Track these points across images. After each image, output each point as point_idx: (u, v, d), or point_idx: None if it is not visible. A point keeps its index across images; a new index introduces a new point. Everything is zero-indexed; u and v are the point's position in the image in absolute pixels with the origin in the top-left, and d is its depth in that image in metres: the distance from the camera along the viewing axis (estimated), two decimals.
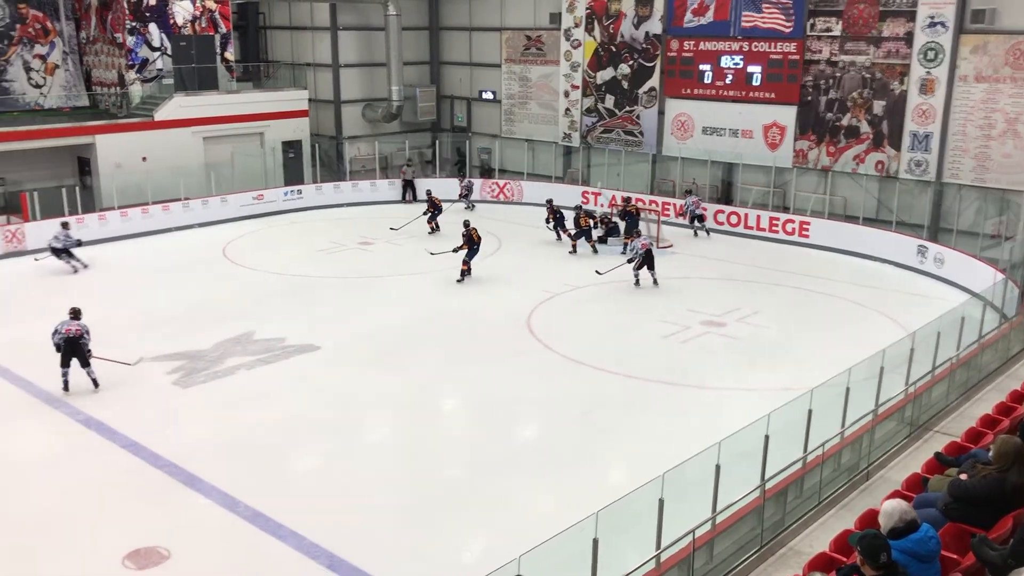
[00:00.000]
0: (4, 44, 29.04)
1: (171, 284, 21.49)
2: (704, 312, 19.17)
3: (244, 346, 17.16)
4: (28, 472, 12.42)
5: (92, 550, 10.56)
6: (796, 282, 21.70)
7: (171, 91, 29.65)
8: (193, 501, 11.63)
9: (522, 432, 14.11)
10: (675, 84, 28.89)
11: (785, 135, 26.73)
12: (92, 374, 14.92)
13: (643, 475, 8.77)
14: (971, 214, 23.10)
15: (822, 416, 10.59)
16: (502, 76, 33.46)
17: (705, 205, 27.06)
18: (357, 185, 31.17)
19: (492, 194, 31.34)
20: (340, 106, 33.75)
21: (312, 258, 23.78)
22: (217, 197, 28.07)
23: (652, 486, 8.32)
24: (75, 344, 14.64)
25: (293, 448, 13.36)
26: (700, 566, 8.91)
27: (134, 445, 13.09)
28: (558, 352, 17.00)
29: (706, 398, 14.96)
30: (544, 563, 7.42)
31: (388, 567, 10.14)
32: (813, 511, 10.11)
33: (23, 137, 26.59)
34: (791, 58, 26.13)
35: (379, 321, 18.79)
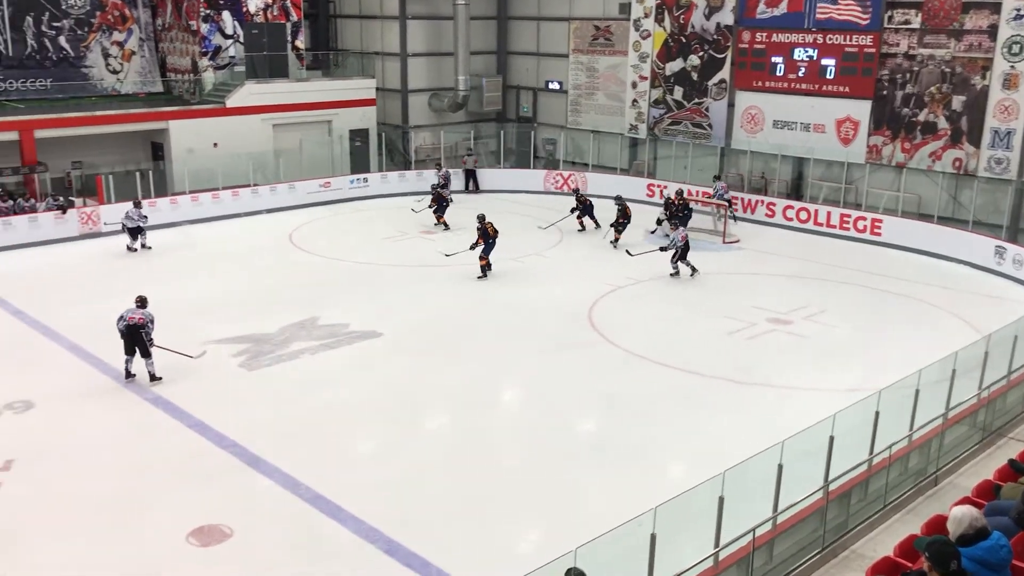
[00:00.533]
0: (84, 31, 29.86)
1: (239, 268, 21.91)
2: (770, 309, 18.85)
3: (308, 331, 17.40)
4: (97, 450, 12.77)
5: (157, 527, 10.82)
6: (866, 281, 21.20)
7: (243, 78, 30.19)
8: (256, 482, 11.84)
9: (581, 425, 14.05)
10: (746, 76, 28.42)
11: (859, 130, 26.10)
12: (151, 366, 14.73)
13: (703, 472, 8.66)
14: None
15: (890, 418, 10.33)
16: (569, 66, 33.30)
17: (734, 193, 26.89)
18: (422, 174, 31.34)
19: (556, 185, 31.23)
20: (407, 95, 33.96)
21: (376, 246, 24.00)
22: (285, 184, 28.51)
23: (712, 483, 8.21)
24: (136, 333, 14.51)
25: (354, 433, 13.52)
26: (759, 566, 8.76)
27: (200, 425, 13.37)
28: (619, 346, 16.88)
29: (770, 396, 14.71)
30: (600, 556, 7.37)
31: (444, 554, 10.19)
32: (878, 515, 9.90)
33: (100, 122, 27.32)
34: (867, 51, 25.48)
35: (441, 310, 18.88)
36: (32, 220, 23.86)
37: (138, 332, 14.53)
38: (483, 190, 30.68)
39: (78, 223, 24.47)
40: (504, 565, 9.57)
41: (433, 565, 10.00)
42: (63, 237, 24.01)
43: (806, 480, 9.42)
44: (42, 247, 23.33)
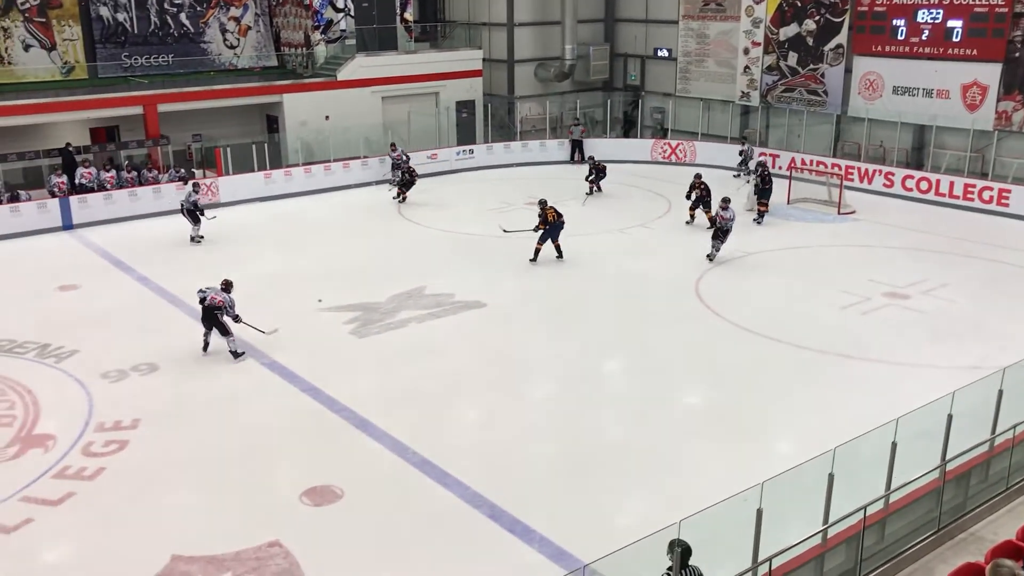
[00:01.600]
0: (203, 7, 30.87)
1: (349, 238, 22.43)
2: (887, 283, 18.18)
3: (416, 300, 17.71)
4: (216, 411, 13.35)
5: (272, 485, 11.27)
6: (991, 254, 20.20)
7: (353, 52, 30.70)
8: (366, 445, 12.18)
9: (687, 398, 13.90)
10: (865, 41, 27.28)
11: (987, 95, 24.76)
12: (232, 344, 14.92)
13: (813, 448, 8.48)
14: None
15: (1014, 398, 9.86)
16: (679, 33, 32.62)
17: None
18: (527, 145, 31.35)
19: (664, 155, 30.77)
20: (513, 65, 33.90)
21: (482, 217, 24.16)
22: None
23: (822, 460, 8.02)
24: (211, 314, 14.75)
25: (460, 401, 13.73)
26: (870, 544, 8.55)
27: (313, 389, 13.81)
28: (728, 319, 16.59)
29: (885, 373, 14.22)
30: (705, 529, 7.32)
31: (547, 521, 10.27)
32: (1000, 497, 9.51)
33: (218, 96, 28.26)
34: (998, 10, 24.09)
35: (545, 281, 18.92)
36: (156, 191, 24.94)
37: (213, 313, 14.72)
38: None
39: (203, 192, 25.41)
40: (607, 535, 9.59)
41: (536, 532, 10.10)
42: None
43: (922, 459, 9.11)
44: (165, 217, 24.35)
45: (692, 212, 22.69)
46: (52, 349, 15.49)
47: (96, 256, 21.24)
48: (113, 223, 23.85)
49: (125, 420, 12.89)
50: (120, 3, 29.23)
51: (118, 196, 24.36)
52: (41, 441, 12.34)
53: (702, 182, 22.41)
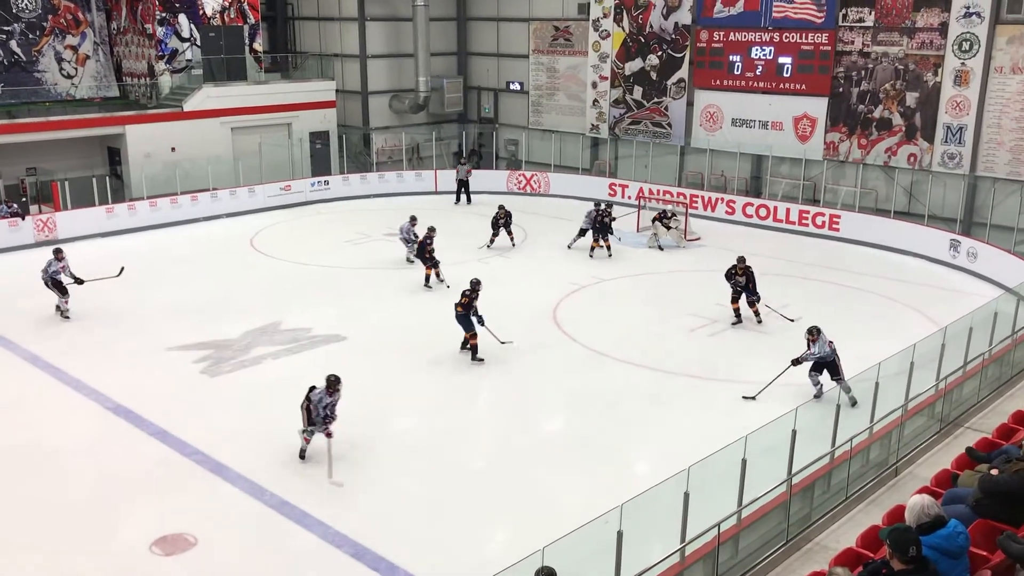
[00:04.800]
0: (36, 35, 29.34)
1: (199, 274, 21.67)
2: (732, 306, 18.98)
3: (271, 336, 17.25)
4: (57, 459, 12.56)
5: (120, 536, 10.68)
6: (826, 276, 21.49)
7: (200, 82, 29.86)
8: (220, 489, 11.73)
9: (547, 424, 14.08)
10: (704, 75, 28.66)
11: (816, 127, 26.44)
12: (63, 303, 17.99)
13: (669, 468, 8.72)
14: (1006, 208, 22.74)
15: (850, 411, 10.48)
16: (530, 67, 33.36)
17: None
18: (384, 176, 31.22)
19: (519, 186, 31.27)
20: (367, 97, 33.79)
21: (338, 249, 23.85)
22: (245, 187, 28.25)
23: (678, 479, 8.26)
24: (56, 281, 17.47)
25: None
26: (725, 560, 8.84)
27: (162, 433, 13.21)
28: (584, 344, 16.94)
29: (733, 392, 14.84)
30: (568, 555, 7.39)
31: (412, 557, 10.16)
32: (840, 506, 10.02)
33: (55, 127, 26.87)
34: (823, 49, 25.82)
35: (404, 312, 18.82)
36: None
37: (57, 279, 17.57)
38: (444, 191, 30.55)
39: (34, 230, 24.04)
40: (472, 566, 9.56)
41: (400, 569, 9.97)
42: (19, 245, 23.55)
43: (770, 474, 9.52)
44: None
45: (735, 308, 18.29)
46: None
47: None
48: None
49: None
50: None
51: None
52: None
53: (745, 267, 17.99)
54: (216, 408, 14.22)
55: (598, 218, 22.88)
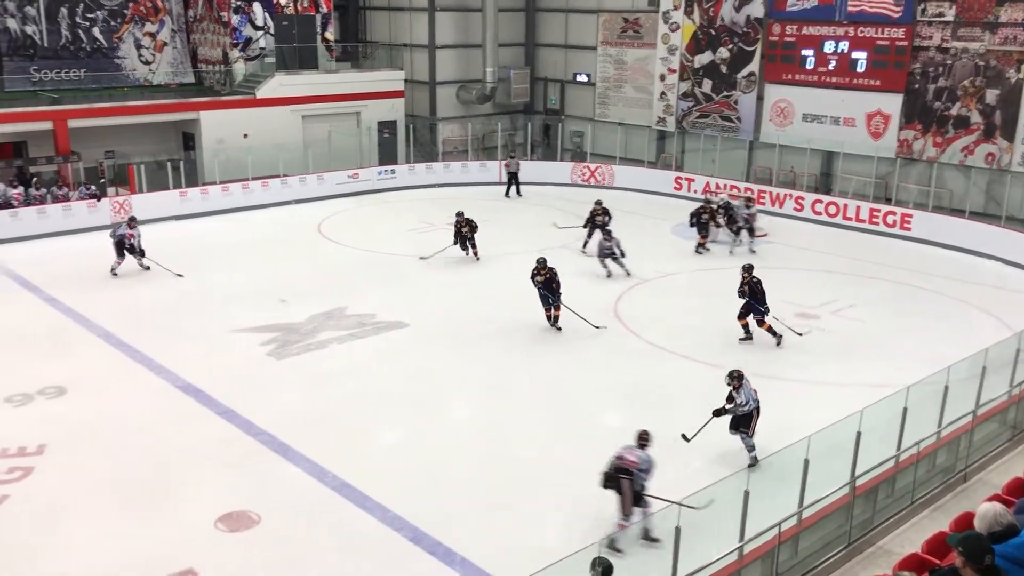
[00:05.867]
0: (117, 22, 30.17)
1: (268, 258, 22.09)
2: (798, 304, 18.72)
3: (336, 320, 17.53)
4: (128, 435, 12.94)
5: (187, 512, 10.97)
6: (896, 276, 21.02)
7: (272, 70, 30.37)
8: (284, 469, 11.97)
9: (604, 417, 14.05)
10: (776, 69, 28.21)
11: (889, 124, 25.84)
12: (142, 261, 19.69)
13: (728, 466, 8.67)
14: None
15: (918, 415, 10.27)
16: (597, 59, 33.20)
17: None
18: (449, 166, 31.41)
19: (583, 178, 31.18)
20: (435, 87, 34.01)
21: (403, 237, 24.09)
22: (314, 175, 28.68)
23: (737, 477, 8.22)
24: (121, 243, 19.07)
25: (381, 421, 13.61)
26: (784, 560, 8.76)
27: (229, 412, 13.53)
28: (643, 338, 16.86)
29: (796, 392, 14.63)
30: (626, 547, 7.41)
31: (469, 543, 10.25)
32: (905, 511, 9.85)
33: (132, 112, 27.64)
34: (899, 44, 25.20)
35: (466, 300, 18.94)
36: (66, 208, 24.19)
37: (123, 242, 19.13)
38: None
39: (110, 212, 24.77)
40: (528, 556, 9.61)
41: (457, 554, 10.07)
42: (95, 225, 24.30)
43: (833, 476, 9.39)
44: (75, 235, 23.65)
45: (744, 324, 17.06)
46: None
47: (1, 276, 20.45)
48: (20, 241, 23.02)
49: (30, 446, 12.41)
50: (29, 15, 28.38)
51: (25, 214, 23.54)
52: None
53: (750, 277, 16.52)
54: (282, 390, 14.50)
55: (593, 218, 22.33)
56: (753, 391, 12.06)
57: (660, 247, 23.36)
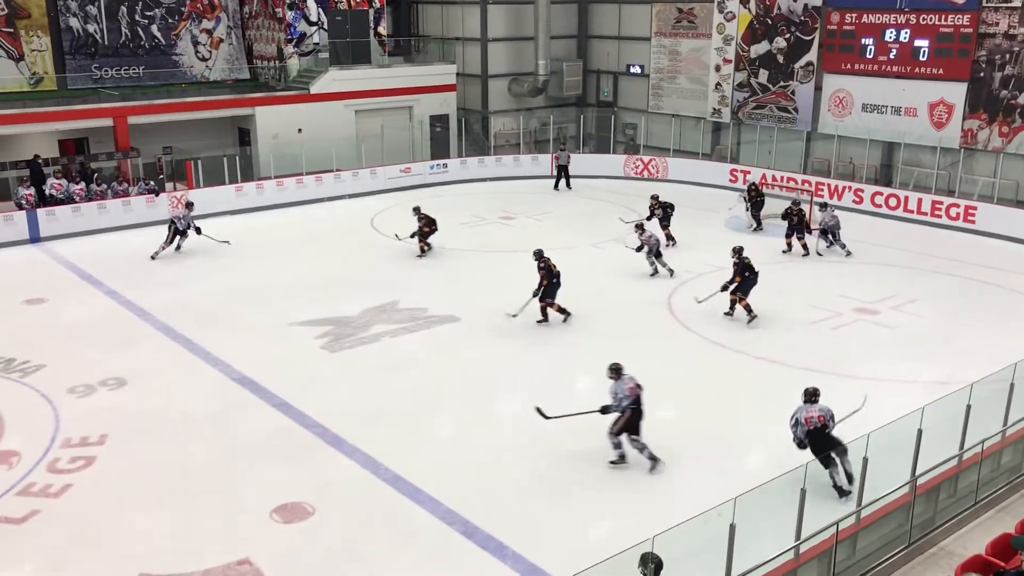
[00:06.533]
0: (175, 19, 30.70)
1: (322, 252, 22.32)
2: (857, 298, 18.36)
3: (389, 314, 17.63)
4: (186, 427, 13.16)
5: (242, 502, 11.12)
6: (959, 270, 20.48)
7: (326, 65, 30.65)
8: (338, 461, 12.07)
9: (659, 412, 13.88)
10: (834, 59, 27.66)
11: (953, 113, 25.17)
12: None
13: (786, 464, 8.52)
14: None
15: (982, 413, 9.98)
16: (651, 50, 32.88)
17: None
18: (501, 160, 31.40)
19: (636, 171, 30.94)
20: (487, 80, 34.01)
21: (455, 231, 24.13)
22: (367, 169, 28.88)
23: (795, 475, 8.07)
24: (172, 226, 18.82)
25: (433, 415, 13.65)
26: (842, 560, 8.59)
27: (284, 405, 13.69)
28: (699, 334, 16.67)
29: (855, 388, 14.32)
30: (678, 545, 7.32)
31: (521, 538, 10.23)
32: (968, 511, 9.60)
33: (189, 108, 28.10)
34: (963, 31, 24.52)
35: (519, 295, 18.89)
36: (125, 203, 24.69)
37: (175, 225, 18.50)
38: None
39: (169, 207, 25.21)
40: (580, 551, 9.55)
41: (509, 548, 10.06)
42: (154, 220, 24.76)
43: (892, 474, 9.18)
44: (134, 230, 24.13)
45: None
46: (18, 364, 15.24)
47: (64, 269, 20.96)
48: (81, 236, 23.57)
49: (92, 436, 12.70)
50: (90, 14, 29.00)
51: (86, 209, 24.08)
52: (5, 458, 12.11)
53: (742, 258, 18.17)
54: (335, 383, 14.63)
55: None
56: (632, 389, 11.52)
57: (712, 241, 23.03)
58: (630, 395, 11.52)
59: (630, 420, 11.49)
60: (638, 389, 11.55)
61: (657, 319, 17.46)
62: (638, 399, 11.53)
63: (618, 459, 11.70)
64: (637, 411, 11.53)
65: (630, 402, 11.52)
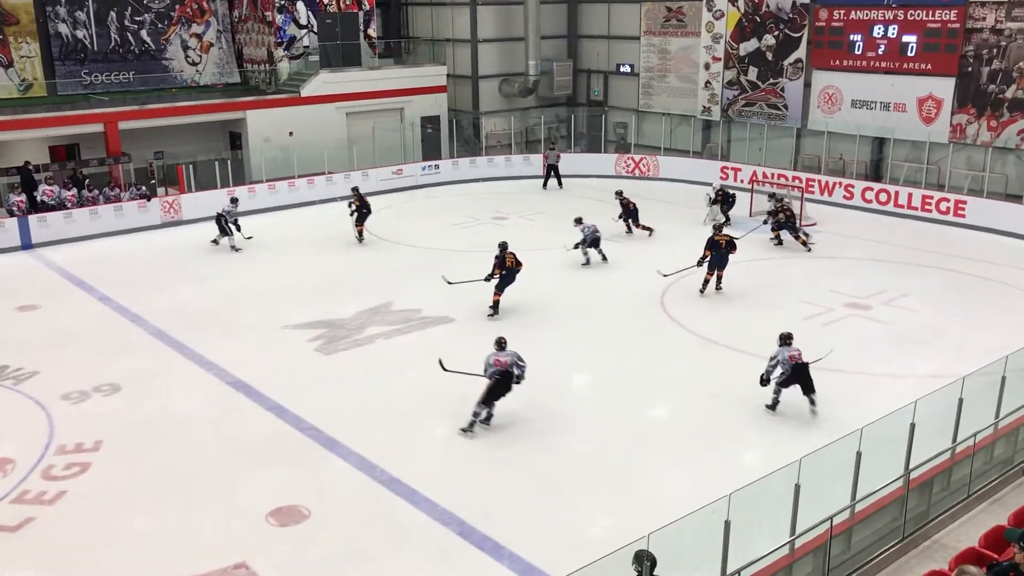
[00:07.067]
0: (164, 24, 30.64)
1: (314, 255, 22.32)
2: (848, 294, 18.44)
3: (383, 316, 17.64)
4: (180, 431, 13.14)
5: (237, 506, 11.13)
6: (949, 264, 20.57)
7: (317, 68, 30.65)
8: (333, 464, 12.08)
9: (655, 411, 13.97)
10: (823, 55, 27.75)
11: (941, 108, 25.28)
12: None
13: (780, 459, 8.56)
14: None
15: (974, 406, 10.04)
16: (640, 49, 32.94)
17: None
18: (492, 160, 31.42)
19: (628, 169, 30.99)
20: (478, 81, 34.03)
21: (448, 232, 24.16)
22: (359, 171, 28.87)
23: (788, 470, 8.10)
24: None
25: (428, 416, 13.66)
26: (837, 554, 8.63)
27: (278, 408, 13.69)
28: (693, 331, 16.72)
29: (847, 383, 14.39)
30: (674, 542, 7.34)
31: (517, 537, 10.25)
32: (961, 504, 9.65)
33: (180, 113, 28.07)
34: (951, 26, 24.63)
35: (512, 295, 18.91)
36: (117, 209, 24.65)
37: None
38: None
39: (160, 212, 25.20)
40: (576, 550, 9.57)
41: (505, 548, 10.08)
42: (146, 225, 24.77)
43: (886, 468, 9.23)
44: (127, 235, 24.11)
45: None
46: (11, 371, 15.22)
47: (56, 276, 20.93)
48: (73, 242, 23.53)
49: (87, 442, 12.69)
50: (79, 20, 28.93)
51: (78, 215, 24.03)
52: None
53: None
54: (330, 385, 14.63)
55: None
56: (496, 361, 12.66)
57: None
58: (495, 365, 12.70)
59: (492, 388, 12.65)
60: (505, 362, 12.69)
61: (651, 316, 17.50)
62: (505, 371, 12.65)
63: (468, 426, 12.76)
64: (500, 383, 12.67)
65: (494, 371, 12.65)
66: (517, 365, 12.79)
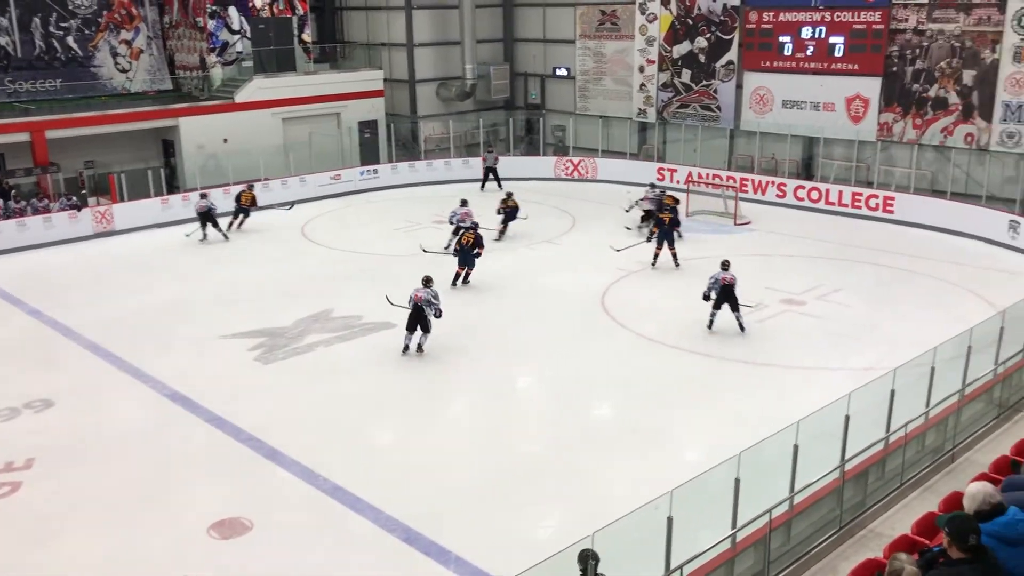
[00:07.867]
0: (92, 30, 29.93)
1: (252, 263, 22.01)
2: (783, 290, 18.80)
3: (323, 323, 17.48)
4: (116, 446, 12.87)
5: (178, 520, 10.92)
6: (880, 259, 21.12)
7: (250, 73, 30.25)
8: (275, 474, 11.94)
9: (597, 411, 14.08)
10: (754, 57, 28.27)
11: (869, 108, 25.94)
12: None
13: (719, 455, 8.67)
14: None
15: (906, 397, 10.31)
16: (576, 52, 33.17)
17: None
18: (431, 164, 31.35)
19: (567, 172, 31.18)
20: (415, 85, 33.93)
21: (388, 237, 24.03)
22: (296, 177, 28.58)
23: (728, 465, 8.22)
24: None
25: (371, 423, 13.59)
26: (777, 547, 8.78)
27: (217, 419, 13.47)
28: (633, 330, 16.89)
29: (784, 378, 14.69)
30: (618, 540, 7.40)
31: (463, 542, 10.24)
32: (895, 493, 9.89)
33: (111, 121, 27.41)
34: (875, 28, 25.29)
35: (457, 299, 18.90)
36: (46, 220, 24.01)
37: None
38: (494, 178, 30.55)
39: (92, 222, 24.61)
40: (522, 551, 9.60)
41: (451, 553, 10.07)
42: (77, 236, 24.16)
43: (822, 460, 9.42)
44: (57, 247, 23.50)
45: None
46: None
47: None
48: (1, 255, 22.84)
49: (18, 460, 12.33)
50: (1, 26, 28.12)
51: (5, 226, 23.35)
52: None
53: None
54: (270, 394, 14.45)
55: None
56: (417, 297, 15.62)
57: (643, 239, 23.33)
58: (414, 300, 15.58)
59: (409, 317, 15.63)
60: (420, 297, 15.56)
61: (593, 317, 17.63)
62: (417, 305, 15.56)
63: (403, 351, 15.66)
64: (413, 314, 15.59)
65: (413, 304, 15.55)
66: (430, 303, 15.50)
